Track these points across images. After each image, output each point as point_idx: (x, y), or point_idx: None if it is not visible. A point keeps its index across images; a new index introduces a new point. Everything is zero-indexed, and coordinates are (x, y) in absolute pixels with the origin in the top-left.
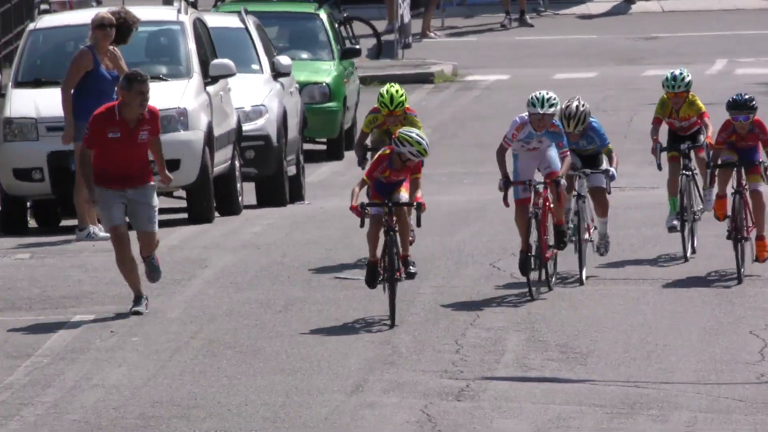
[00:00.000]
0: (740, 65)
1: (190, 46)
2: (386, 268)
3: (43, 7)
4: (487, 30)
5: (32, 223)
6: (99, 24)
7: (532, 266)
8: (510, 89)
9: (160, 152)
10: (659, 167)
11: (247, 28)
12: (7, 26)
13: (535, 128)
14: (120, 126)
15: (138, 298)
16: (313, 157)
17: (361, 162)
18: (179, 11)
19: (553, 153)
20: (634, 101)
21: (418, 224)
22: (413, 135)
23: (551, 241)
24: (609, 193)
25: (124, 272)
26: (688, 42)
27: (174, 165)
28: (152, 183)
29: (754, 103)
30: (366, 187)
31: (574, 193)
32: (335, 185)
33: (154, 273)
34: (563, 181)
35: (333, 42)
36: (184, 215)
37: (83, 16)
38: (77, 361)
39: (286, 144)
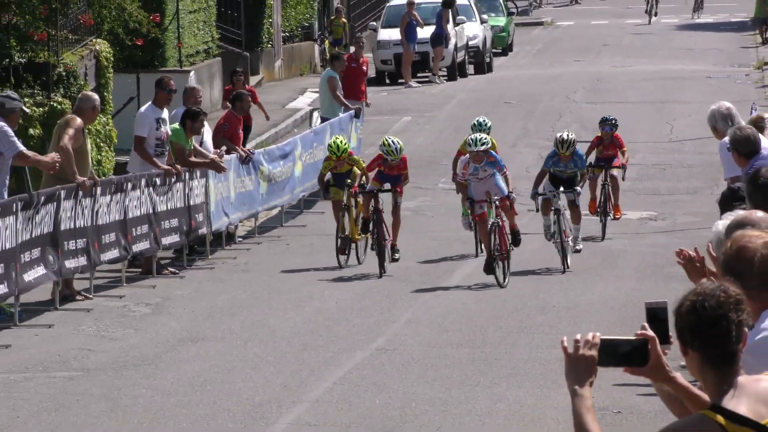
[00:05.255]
0: None
1: (450, 14)
2: (375, 239)
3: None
4: (566, 5)
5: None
6: (409, 2)
7: (495, 267)
8: (572, 29)
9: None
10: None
11: (470, 5)
12: (378, 4)
13: (475, 162)
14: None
15: None
16: (496, 55)
17: (325, 194)
18: None
19: (498, 181)
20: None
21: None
22: (388, 140)
23: (509, 240)
24: (577, 205)
25: None
26: None
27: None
28: None
29: (615, 121)
30: (368, 175)
31: (552, 209)
32: (505, 66)
33: None
34: (514, 195)
35: (503, 8)
36: (446, 76)
37: (402, 2)
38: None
39: (485, 50)
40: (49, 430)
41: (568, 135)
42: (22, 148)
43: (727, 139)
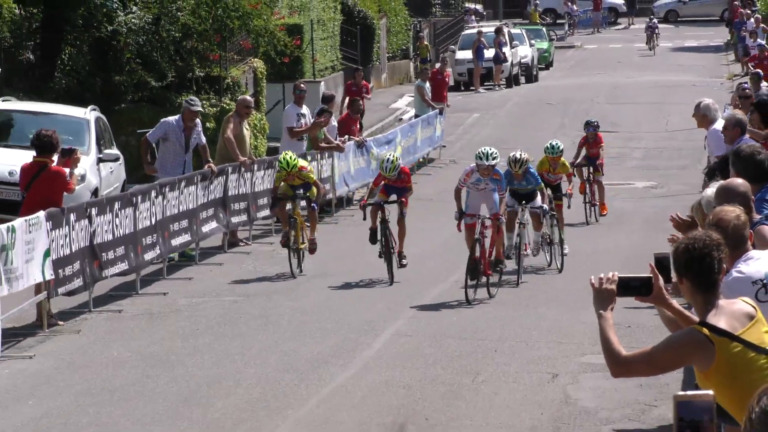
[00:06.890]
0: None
1: (502, 38)
2: (383, 245)
3: (468, 32)
4: (591, 33)
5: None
6: (478, 31)
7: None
8: (596, 51)
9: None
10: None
11: (523, 33)
12: (455, 33)
13: (482, 175)
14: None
15: None
16: (541, 70)
17: (272, 207)
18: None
19: (495, 196)
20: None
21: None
22: (386, 158)
23: (491, 265)
24: (542, 223)
25: None
26: None
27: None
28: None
29: (597, 123)
30: (374, 190)
31: (518, 222)
32: (548, 77)
33: None
34: (503, 218)
35: (546, 35)
36: (505, 84)
37: (473, 31)
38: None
39: (533, 66)
40: (219, 338)
41: (520, 155)
42: (148, 134)
43: (716, 126)
